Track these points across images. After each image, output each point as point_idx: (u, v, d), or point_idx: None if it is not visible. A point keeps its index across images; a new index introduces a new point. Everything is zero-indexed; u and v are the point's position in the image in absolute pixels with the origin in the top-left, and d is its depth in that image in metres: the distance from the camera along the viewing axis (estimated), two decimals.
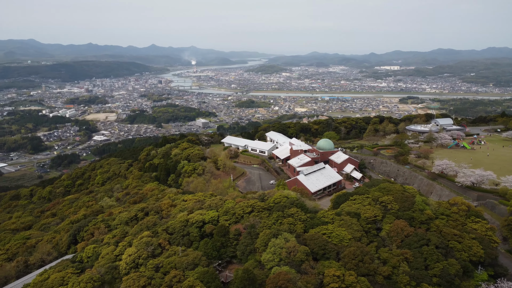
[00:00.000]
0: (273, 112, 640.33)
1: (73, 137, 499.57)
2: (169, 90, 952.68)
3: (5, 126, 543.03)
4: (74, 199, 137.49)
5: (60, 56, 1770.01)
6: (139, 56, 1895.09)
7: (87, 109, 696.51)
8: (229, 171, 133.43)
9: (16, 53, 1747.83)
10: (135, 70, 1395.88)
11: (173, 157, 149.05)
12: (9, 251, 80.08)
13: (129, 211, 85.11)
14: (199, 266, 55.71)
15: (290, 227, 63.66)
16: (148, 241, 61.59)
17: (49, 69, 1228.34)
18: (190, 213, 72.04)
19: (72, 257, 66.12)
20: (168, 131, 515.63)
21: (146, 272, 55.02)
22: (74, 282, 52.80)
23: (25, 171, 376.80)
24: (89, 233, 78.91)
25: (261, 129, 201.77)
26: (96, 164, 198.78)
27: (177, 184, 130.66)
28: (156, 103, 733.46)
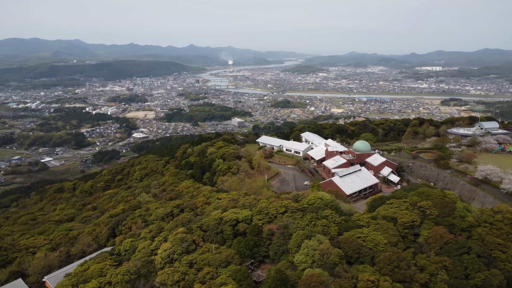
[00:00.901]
0: (308, 112, 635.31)
1: (114, 134, 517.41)
2: (206, 89, 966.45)
3: (52, 122, 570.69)
4: (114, 193, 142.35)
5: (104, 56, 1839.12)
6: (177, 56, 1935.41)
7: (127, 107, 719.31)
8: (263, 170, 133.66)
9: (63, 52, 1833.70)
10: (174, 70, 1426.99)
11: (209, 155, 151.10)
12: (53, 241, 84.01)
13: (165, 207, 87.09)
14: (232, 264, 56.19)
15: (323, 229, 62.92)
16: (183, 237, 62.77)
17: (93, 68, 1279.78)
18: (224, 212, 72.77)
19: (111, 250, 68.48)
20: (204, 129, 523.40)
21: (180, 267, 56.09)
22: (112, 273, 54.64)
23: (69, 166, 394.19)
24: (127, 227, 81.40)
25: (296, 130, 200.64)
26: (135, 160, 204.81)
27: (212, 182, 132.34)
28: (193, 102, 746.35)
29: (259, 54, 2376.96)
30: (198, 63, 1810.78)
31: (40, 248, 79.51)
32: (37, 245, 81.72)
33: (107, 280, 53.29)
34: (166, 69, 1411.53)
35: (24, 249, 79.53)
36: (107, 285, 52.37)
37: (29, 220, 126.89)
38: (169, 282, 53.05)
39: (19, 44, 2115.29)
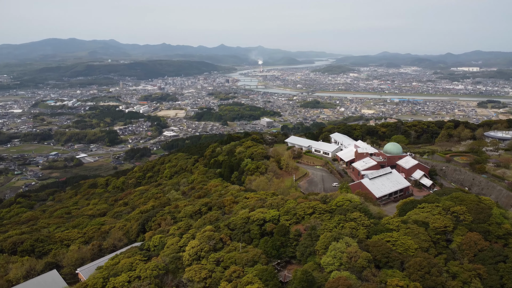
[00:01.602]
0: (338, 113, 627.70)
1: (145, 132, 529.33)
2: (236, 89, 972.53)
3: (87, 120, 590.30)
4: (144, 190, 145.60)
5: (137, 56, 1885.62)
6: (208, 56, 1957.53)
7: (159, 106, 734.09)
8: (291, 171, 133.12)
9: (98, 52, 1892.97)
10: (204, 69, 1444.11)
11: (237, 154, 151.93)
12: (86, 235, 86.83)
13: (194, 205, 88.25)
14: (258, 264, 56.28)
15: (352, 232, 61.97)
16: (210, 235, 63.43)
17: (127, 68, 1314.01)
18: (252, 211, 72.97)
19: (140, 245, 70.04)
20: (233, 129, 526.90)
21: (207, 265, 56.69)
22: (141, 268, 55.89)
23: (102, 162, 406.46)
24: (156, 224, 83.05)
25: (326, 130, 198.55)
26: (165, 158, 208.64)
27: (240, 181, 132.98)
28: (222, 101, 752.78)
29: (289, 54, 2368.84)
30: (228, 63, 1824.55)
31: (74, 241, 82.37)
32: (71, 238, 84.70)
33: (136, 275, 54.55)
34: (197, 68, 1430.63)
35: (59, 241, 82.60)
36: (137, 280, 53.60)
37: (64, 214, 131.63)
38: (196, 279, 53.72)
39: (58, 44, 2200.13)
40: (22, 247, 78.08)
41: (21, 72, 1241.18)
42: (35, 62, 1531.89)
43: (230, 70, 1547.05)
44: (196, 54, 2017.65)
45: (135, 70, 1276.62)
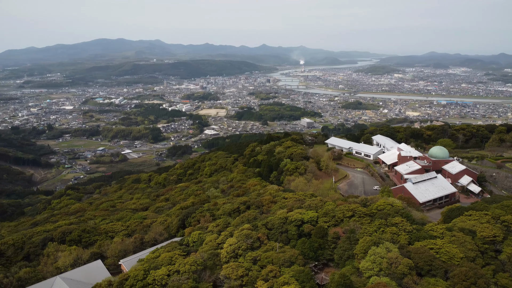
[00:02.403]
0: (381, 115, 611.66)
1: (187, 130, 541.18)
2: (277, 89, 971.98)
3: (132, 117, 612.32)
4: (185, 187, 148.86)
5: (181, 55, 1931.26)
6: (250, 56, 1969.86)
7: (200, 105, 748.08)
8: (331, 172, 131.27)
9: (144, 52, 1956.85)
10: (246, 69, 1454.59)
11: (277, 154, 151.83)
12: (129, 228, 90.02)
13: (232, 203, 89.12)
14: (295, 265, 55.95)
15: (393, 237, 60.14)
16: (248, 233, 63.80)
17: (171, 67, 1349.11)
18: (290, 211, 72.66)
19: (180, 240, 71.64)
20: (273, 129, 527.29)
21: (245, 263, 57.05)
22: (181, 263, 57.16)
23: (146, 158, 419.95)
24: (196, 220, 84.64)
25: (368, 132, 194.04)
26: (205, 156, 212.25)
27: (279, 181, 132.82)
28: (263, 101, 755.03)
29: (331, 54, 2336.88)
30: (270, 62, 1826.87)
31: (118, 233, 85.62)
32: (115, 230, 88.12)
33: (175, 269, 55.86)
34: (238, 68, 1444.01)
35: (104, 233, 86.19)
36: (175, 274, 54.88)
37: (109, 207, 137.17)
38: (233, 276, 54.21)
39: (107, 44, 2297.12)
40: (70, 236, 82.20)
41: (73, 71, 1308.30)
42: (86, 61, 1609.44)
43: (271, 70, 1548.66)
44: (238, 54, 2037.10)
45: (179, 70, 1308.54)
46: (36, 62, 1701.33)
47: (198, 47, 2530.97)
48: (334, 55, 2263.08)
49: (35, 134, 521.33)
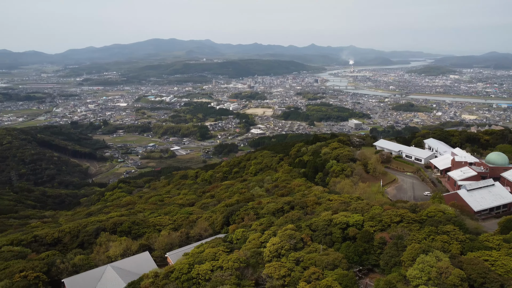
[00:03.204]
0: (434, 117, 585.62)
1: (234, 129, 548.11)
2: (324, 89, 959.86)
3: (181, 115, 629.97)
4: (230, 184, 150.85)
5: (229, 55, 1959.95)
6: (298, 55, 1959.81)
7: (247, 104, 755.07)
8: (378, 176, 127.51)
9: (194, 51, 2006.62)
10: (293, 69, 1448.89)
11: (322, 155, 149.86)
12: (176, 222, 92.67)
13: (276, 203, 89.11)
14: (338, 268, 54.97)
15: (443, 246, 57.33)
16: (291, 234, 63.53)
17: (219, 66, 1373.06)
18: (334, 213, 71.47)
19: (224, 237, 72.74)
20: (319, 129, 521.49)
21: (287, 263, 56.87)
22: (224, 259, 58.04)
23: (193, 155, 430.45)
24: (240, 218, 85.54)
25: (419, 135, 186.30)
26: (251, 155, 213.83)
27: (324, 182, 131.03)
28: (310, 101, 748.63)
29: (382, 54, 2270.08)
30: (318, 62, 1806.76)
31: (165, 227, 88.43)
32: (163, 223, 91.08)
33: (219, 265, 56.80)
34: (286, 68, 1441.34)
35: (152, 226, 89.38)
36: (219, 269, 55.81)
37: (158, 201, 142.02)
38: (275, 275, 54.21)
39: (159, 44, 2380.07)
40: (121, 228, 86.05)
41: (128, 70, 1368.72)
42: (139, 61, 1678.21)
43: (320, 70, 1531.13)
44: (286, 54, 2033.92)
45: (227, 69, 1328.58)
46: (95, 61, 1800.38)
47: (246, 47, 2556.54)
48: (385, 55, 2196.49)
49: (92, 129, 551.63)
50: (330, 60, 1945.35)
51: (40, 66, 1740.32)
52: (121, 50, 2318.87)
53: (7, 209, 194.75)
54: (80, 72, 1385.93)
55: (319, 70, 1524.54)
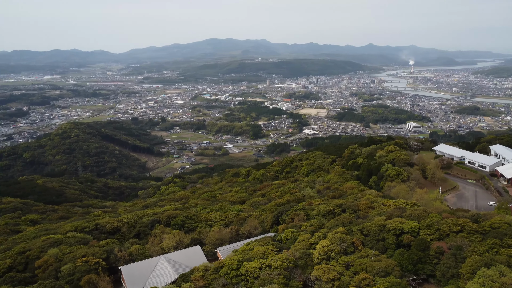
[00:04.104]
0: (502, 122, 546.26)
1: (287, 128, 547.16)
2: (381, 90, 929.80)
3: (235, 113, 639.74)
4: (281, 184, 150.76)
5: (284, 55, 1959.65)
6: (354, 55, 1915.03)
7: (301, 104, 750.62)
8: (437, 182, 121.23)
9: (250, 51, 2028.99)
10: (349, 69, 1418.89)
11: (377, 158, 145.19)
12: (227, 219, 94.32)
13: (328, 205, 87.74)
14: (391, 276, 53.01)
15: (508, 260, 53.27)
16: (342, 237, 62.25)
17: (274, 66, 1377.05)
18: (388, 219, 68.98)
19: (273, 236, 72.84)
20: (375, 131, 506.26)
21: (337, 267, 55.82)
22: (273, 258, 58.17)
23: (245, 154, 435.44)
24: (290, 218, 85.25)
25: (484, 141, 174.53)
26: (303, 155, 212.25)
27: (378, 186, 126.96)
28: (366, 102, 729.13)
29: (445, 53, 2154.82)
30: (376, 62, 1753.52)
31: (216, 223, 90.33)
32: (214, 219, 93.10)
33: (267, 263, 57.03)
34: (342, 68, 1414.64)
35: (204, 221, 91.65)
36: (267, 268, 56.02)
37: (210, 197, 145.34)
38: (324, 278, 53.42)
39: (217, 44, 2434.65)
40: (174, 221, 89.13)
41: (185, 69, 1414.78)
42: (197, 60, 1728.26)
43: (377, 70, 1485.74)
44: (342, 54, 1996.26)
45: (282, 69, 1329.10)
46: (155, 60, 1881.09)
47: (302, 47, 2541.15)
48: (448, 55, 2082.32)
49: (151, 125, 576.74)
50: (388, 60, 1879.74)
51: (106, 65, 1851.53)
52: (180, 49, 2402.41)
53: (73, 198, 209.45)
54: (142, 70, 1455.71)
55: (376, 71, 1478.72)
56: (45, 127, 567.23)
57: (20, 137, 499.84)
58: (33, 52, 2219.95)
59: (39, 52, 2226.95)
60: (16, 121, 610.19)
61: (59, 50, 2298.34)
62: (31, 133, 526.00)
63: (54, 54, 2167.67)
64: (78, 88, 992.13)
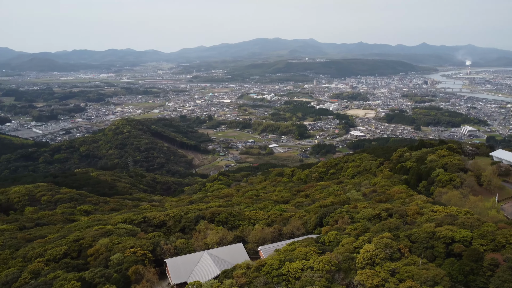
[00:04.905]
0: None
1: (333, 129, 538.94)
2: (434, 91, 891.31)
3: (281, 113, 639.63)
4: (325, 185, 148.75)
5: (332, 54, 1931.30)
6: (406, 55, 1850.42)
7: (348, 105, 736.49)
8: (494, 190, 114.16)
9: (297, 51, 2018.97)
10: (400, 69, 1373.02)
11: (428, 163, 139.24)
12: (269, 218, 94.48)
13: (374, 209, 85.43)
14: (439, 285, 50.67)
15: None
16: (388, 242, 60.35)
17: (321, 66, 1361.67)
18: (438, 226, 65.97)
19: (316, 238, 72.01)
20: (426, 134, 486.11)
21: (381, 273, 54.21)
22: (315, 260, 57.52)
23: (290, 154, 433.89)
24: (334, 220, 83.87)
25: None
26: (349, 157, 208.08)
27: (428, 192, 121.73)
28: (417, 104, 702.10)
29: (507, 53, 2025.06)
30: (429, 63, 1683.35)
31: (259, 221, 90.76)
32: (257, 218, 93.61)
33: (309, 265, 56.48)
34: (392, 68, 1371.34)
35: (247, 219, 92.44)
36: (309, 270, 55.49)
37: (253, 196, 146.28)
38: (368, 284, 52.06)
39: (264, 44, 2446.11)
40: (218, 218, 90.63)
41: (233, 68, 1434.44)
42: (244, 59, 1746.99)
43: (430, 71, 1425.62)
44: (393, 53, 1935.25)
45: (329, 68, 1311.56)
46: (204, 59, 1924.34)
47: (351, 46, 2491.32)
48: (510, 55, 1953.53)
49: (198, 123, 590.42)
50: (443, 61, 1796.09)
51: (157, 64, 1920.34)
52: (228, 49, 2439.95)
53: (123, 191, 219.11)
54: (191, 69, 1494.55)
55: (429, 71, 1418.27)
56: (100, 122, 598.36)
57: (77, 132, 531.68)
58: (91, 51, 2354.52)
59: (97, 51, 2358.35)
60: (74, 117, 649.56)
61: (114, 49, 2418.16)
62: (87, 128, 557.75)
63: (110, 53, 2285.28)
64: (131, 86, 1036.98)
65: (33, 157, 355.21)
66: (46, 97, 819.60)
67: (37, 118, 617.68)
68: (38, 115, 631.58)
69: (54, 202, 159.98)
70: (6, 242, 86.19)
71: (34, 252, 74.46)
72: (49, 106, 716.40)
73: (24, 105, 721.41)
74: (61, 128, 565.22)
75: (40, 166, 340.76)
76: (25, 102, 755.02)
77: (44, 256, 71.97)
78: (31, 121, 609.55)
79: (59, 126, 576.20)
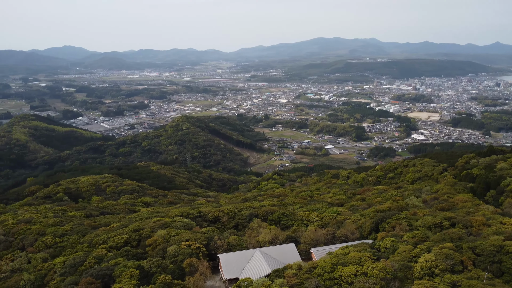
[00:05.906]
0: None
1: (393, 132, 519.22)
2: (508, 94, 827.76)
3: (338, 114, 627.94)
4: (383, 190, 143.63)
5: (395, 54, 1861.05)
6: (477, 55, 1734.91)
7: (410, 107, 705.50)
8: None
9: (358, 51, 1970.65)
10: (469, 70, 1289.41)
11: (498, 171, 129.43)
12: (323, 220, 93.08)
13: (434, 217, 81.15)
14: None
15: None
16: (449, 253, 57.02)
17: (383, 66, 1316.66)
18: (507, 240, 61.19)
19: (371, 243, 69.76)
20: (496, 140, 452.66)
21: (440, 285, 51.34)
22: (369, 266, 55.79)
23: (346, 156, 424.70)
24: (390, 226, 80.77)
25: None
26: (409, 161, 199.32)
27: (496, 202, 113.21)
28: (487, 107, 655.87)
29: None
30: (503, 63, 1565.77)
31: (312, 223, 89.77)
32: (310, 219, 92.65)
33: (363, 271, 54.91)
34: (461, 69, 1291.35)
35: (300, 219, 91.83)
36: (363, 275, 53.94)
37: (308, 196, 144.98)
38: None
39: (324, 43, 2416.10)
40: (271, 217, 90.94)
41: (291, 67, 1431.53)
42: (302, 59, 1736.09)
43: (504, 72, 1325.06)
44: (462, 53, 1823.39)
45: (391, 69, 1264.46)
46: (262, 59, 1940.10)
47: (415, 46, 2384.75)
48: None
49: (254, 122, 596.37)
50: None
51: (217, 63, 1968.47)
52: (286, 49, 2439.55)
53: (181, 185, 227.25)
54: (249, 69, 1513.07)
55: (503, 73, 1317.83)
56: (161, 119, 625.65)
57: (141, 127, 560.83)
58: (156, 51, 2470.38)
59: (161, 51, 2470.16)
60: (138, 113, 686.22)
61: (177, 49, 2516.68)
62: (150, 124, 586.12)
63: (173, 53, 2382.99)
64: (191, 84, 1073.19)
65: (101, 149, 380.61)
66: (114, 93, 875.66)
67: (105, 114, 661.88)
68: (106, 111, 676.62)
69: (118, 193, 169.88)
70: (74, 228, 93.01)
71: (99, 239, 79.73)
72: (116, 103, 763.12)
73: (94, 101, 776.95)
74: (126, 123, 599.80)
75: (107, 158, 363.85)
76: (95, 98, 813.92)
77: (107, 243, 76.86)
78: (99, 116, 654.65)
79: (124, 122, 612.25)
